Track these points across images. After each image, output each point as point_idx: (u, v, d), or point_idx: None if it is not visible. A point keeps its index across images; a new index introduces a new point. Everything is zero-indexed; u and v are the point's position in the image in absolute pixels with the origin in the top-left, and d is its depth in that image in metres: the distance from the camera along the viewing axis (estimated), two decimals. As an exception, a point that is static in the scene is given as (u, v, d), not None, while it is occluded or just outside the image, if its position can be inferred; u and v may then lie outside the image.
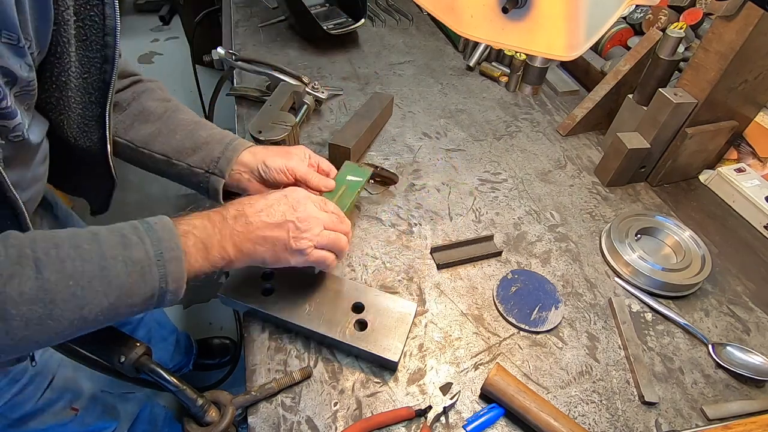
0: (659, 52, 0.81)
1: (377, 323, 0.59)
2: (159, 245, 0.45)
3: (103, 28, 0.51)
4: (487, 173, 0.89)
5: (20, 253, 0.39)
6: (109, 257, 0.42)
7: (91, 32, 0.51)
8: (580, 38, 0.37)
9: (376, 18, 1.40)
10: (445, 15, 0.42)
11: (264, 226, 0.52)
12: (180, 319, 1.62)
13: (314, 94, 0.96)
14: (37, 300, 0.38)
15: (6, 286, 0.37)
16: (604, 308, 0.68)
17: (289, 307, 0.59)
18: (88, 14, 0.50)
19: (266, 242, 0.52)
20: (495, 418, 0.55)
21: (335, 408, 0.55)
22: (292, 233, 0.53)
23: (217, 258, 0.50)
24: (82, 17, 0.49)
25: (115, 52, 0.52)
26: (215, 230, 0.50)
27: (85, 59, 0.52)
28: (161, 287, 0.45)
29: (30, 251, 0.39)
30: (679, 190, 0.90)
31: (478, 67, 1.18)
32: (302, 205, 0.55)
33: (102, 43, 0.52)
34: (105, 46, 0.52)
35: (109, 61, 0.53)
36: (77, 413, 0.82)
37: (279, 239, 0.53)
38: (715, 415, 0.57)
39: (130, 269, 0.43)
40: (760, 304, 0.71)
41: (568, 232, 0.79)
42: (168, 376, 0.54)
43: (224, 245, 0.50)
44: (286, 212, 0.54)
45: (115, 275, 0.42)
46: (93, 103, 0.55)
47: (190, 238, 0.48)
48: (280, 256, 0.54)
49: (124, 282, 0.42)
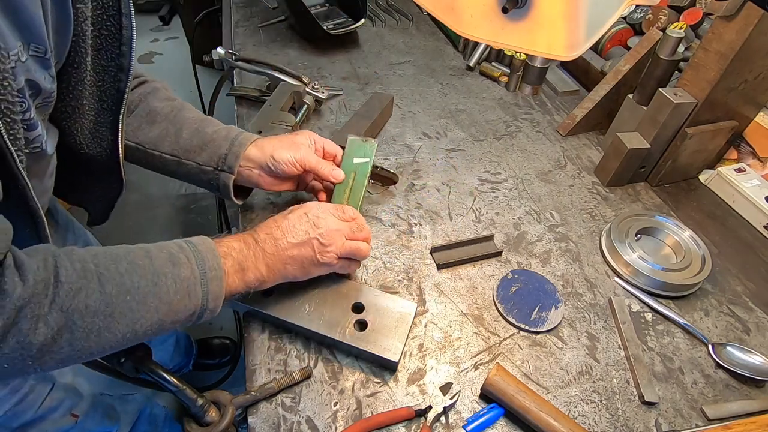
0: (659, 52, 0.81)
1: (377, 323, 0.59)
2: (203, 265, 0.48)
3: (119, 38, 0.51)
4: (487, 173, 0.89)
5: (85, 267, 0.41)
6: (161, 274, 0.45)
7: (107, 42, 0.51)
8: (580, 38, 0.37)
9: (376, 18, 1.40)
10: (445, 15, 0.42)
11: (291, 247, 0.55)
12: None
13: (314, 94, 0.96)
14: (99, 313, 0.41)
15: (75, 299, 0.39)
16: (604, 308, 0.68)
17: (289, 308, 0.59)
18: (104, 24, 0.50)
19: (294, 261, 0.56)
20: (495, 418, 0.55)
21: (335, 408, 0.55)
22: (317, 249, 0.56)
23: (251, 279, 0.53)
24: (99, 27, 0.50)
25: (130, 61, 0.53)
26: (250, 252, 0.54)
27: (99, 68, 0.52)
28: (202, 305, 0.48)
29: (93, 266, 0.42)
30: (679, 190, 0.90)
31: (478, 67, 1.18)
32: (323, 221, 0.58)
33: (117, 52, 0.52)
34: (120, 56, 0.52)
35: (124, 70, 0.53)
36: (77, 419, 0.82)
37: (306, 257, 0.56)
38: (715, 415, 0.57)
39: (178, 286, 0.46)
40: (760, 304, 0.71)
41: (568, 232, 0.79)
42: (168, 376, 0.54)
43: (258, 267, 0.53)
44: (309, 230, 0.57)
45: (165, 292, 0.45)
46: (106, 111, 0.56)
47: (229, 260, 0.51)
48: (308, 271, 0.57)
49: (172, 299, 0.45)
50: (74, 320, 0.39)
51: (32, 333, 0.37)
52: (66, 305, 0.39)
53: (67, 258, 0.41)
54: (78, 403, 0.83)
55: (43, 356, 0.39)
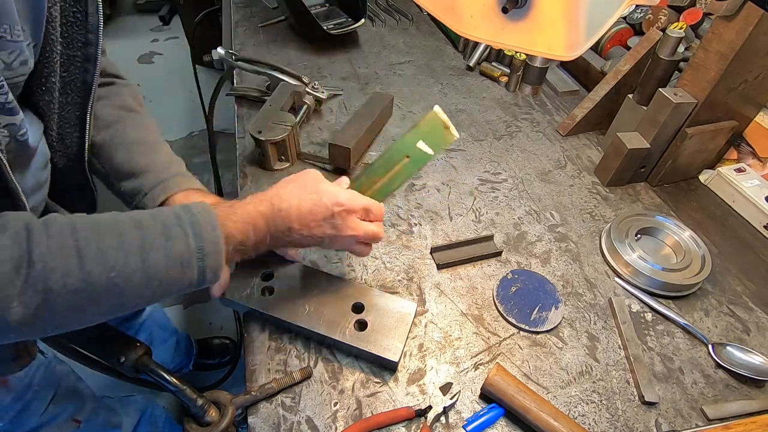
0: (659, 52, 0.81)
1: (377, 323, 0.59)
2: (200, 239, 0.45)
3: (85, 25, 0.49)
4: (487, 173, 0.89)
5: (62, 244, 0.39)
6: (151, 249, 0.42)
7: (73, 29, 0.49)
8: (580, 38, 0.37)
9: (376, 18, 1.40)
10: (445, 15, 0.42)
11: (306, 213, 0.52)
12: (180, 319, 1.62)
13: (314, 94, 0.96)
14: (79, 291, 0.39)
15: (49, 280, 0.37)
16: (604, 308, 0.68)
17: (289, 308, 0.59)
18: (71, 11, 0.48)
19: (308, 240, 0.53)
20: (495, 418, 0.55)
21: (335, 408, 0.55)
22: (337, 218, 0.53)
23: (249, 245, 0.51)
24: (66, 14, 0.48)
25: (97, 50, 0.51)
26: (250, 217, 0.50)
27: (65, 57, 0.50)
28: (200, 279, 0.46)
29: (73, 241, 0.39)
30: (679, 190, 0.90)
31: (478, 67, 1.18)
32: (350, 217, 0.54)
33: (84, 40, 0.50)
34: (87, 44, 0.50)
35: (91, 60, 0.51)
36: (80, 425, 0.82)
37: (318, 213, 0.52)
38: (715, 415, 0.57)
39: (170, 262, 0.43)
40: (760, 304, 0.71)
41: (568, 232, 0.79)
42: (168, 376, 0.54)
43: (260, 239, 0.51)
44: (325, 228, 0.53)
45: (154, 268, 0.42)
46: (71, 105, 0.53)
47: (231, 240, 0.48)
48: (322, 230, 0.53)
49: (163, 274, 0.43)
50: (50, 299, 0.37)
51: (6, 312, 0.36)
52: (40, 286, 0.37)
53: (44, 232, 0.38)
54: (80, 409, 0.82)
55: (22, 331, 0.38)
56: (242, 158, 0.86)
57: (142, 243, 0.42)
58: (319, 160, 0.86)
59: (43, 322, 0.39)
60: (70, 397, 0.80)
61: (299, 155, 0.87)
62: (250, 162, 0.86)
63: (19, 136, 0.45)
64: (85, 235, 0.40)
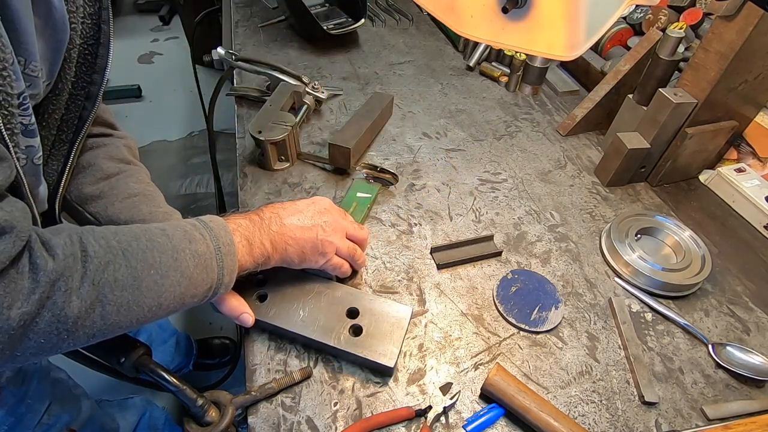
0: (659, 52, 0.81)
1: (372, 328, 0.58)
2: (217, 241, 0.49)
3: (93, 66, 0.51)
4: (487, 173, 0.89)
5: (108, 243, 0.42)
6: (180, 250, 0.46)
7: (81, 70, 0.51)
8: (580, 38, 0.37)
9: (376, 18, 1.40)
10: (445, 15, 0.42)
11: (295, 228, 0.56)
12: (180, 318, 1.62)
13: (314, 94, 0.96)
14: (127, 286, 0.41)
15: (104, 273, 0.40)
16: (604, 308, 0.68)
17: (283, 314, 0.59)
18: (84, 54, 0.50)
19: (297, 243, 0.56)
20: (495, 418, 0.55)
21: (335, 408, 0.55)
22: (319, 236, 0.57)
23: (258, 254, 0.53)
24: (80, 57, 0.50)
25: (99, 89, 0.53)
26: (256, 229, 0.54)
27: (72, 97, 0.52)
28: (219, 280, 0.49)
29: (116, 242, 0.43)
30: (679, 190, 0.90)
31: (478, 67, 1.18)
32: (329, 213, 0.60)
33: (88, 80, 0.52)
34: (91, 84, 0.52)
35: (91, 99, 0.53)
36: None
37: (308, 241, 0.57)
38: (715, 415, 0.57)
39: (196, 261, 0.47)
40: (760, 304, 0.71)
41: (568, 232, 0.79)
42: (168, 376, 0.54)
43: (264, 243, 0.54)
44: (315, 217, 0.58)
45: (185, 266, 0.46)
46: (63, 141, 0.54)
47: (237, 235, 0.52)
48: (305, 257, 0.57)
49: (192, 273, 0.46)
50: (105, 293, 0.40)
51: (67, 306, 0.38)
52: (97, 279, 0.40)
53: (91, 234, 0.42)
54: (75, 418, 0.82)
55: (77, 330, 0.39)
56: (242, 158, 0.86)
57: (172, 245, 0.46)
58: (319, 160, 0.86)
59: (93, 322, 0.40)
60: (65, 406, 0.79)
61: (299, 155, 0.87)
62: (250, 162, 0.86)
63: (36, 159, 0.47)
64: (126, 238, 0.44)
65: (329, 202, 0.62)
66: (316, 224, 0.58)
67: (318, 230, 0.58)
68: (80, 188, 0.61)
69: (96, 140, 0.64)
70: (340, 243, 0.60)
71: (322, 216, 0.59)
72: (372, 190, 0.79)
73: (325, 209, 0.60)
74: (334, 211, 0.62)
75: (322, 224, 0.58)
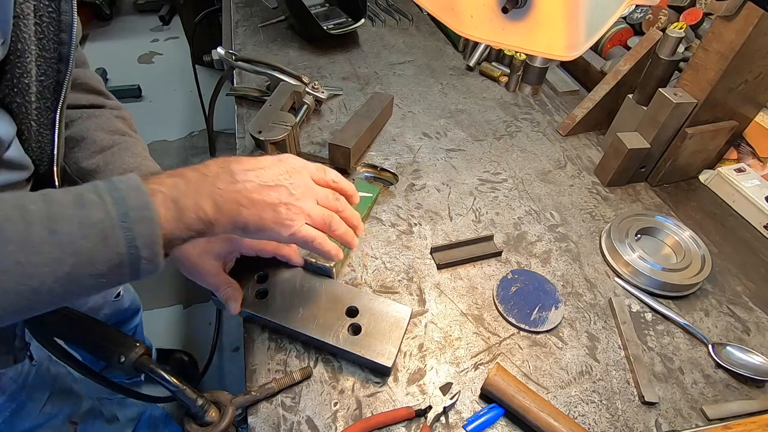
0: (659, 52, 0.81)
1: (371, 327, 0.58)
2: (123, 205, 0.38)
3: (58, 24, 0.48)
4: (487, 173, 0.89)
5: None
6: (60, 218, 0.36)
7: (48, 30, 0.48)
8: (580, 38, 0.37)
9: (376, 18, 1.40)
10: (445, 15, 0.42)
11: (253, 188, 0.45)
12: (180, 319, 1.62)
13: (314, 94, 0.96)
14: None
15: None
16: (604, 308, 0.68)
17: (283, 311, 0.59)
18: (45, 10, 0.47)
19: (253, 205, 0.45)
20: (495, 418, 0.55)
21: (335, 408, 0.55)
22: (284, 200, 0.47)
23: (192, 218, 0.42)
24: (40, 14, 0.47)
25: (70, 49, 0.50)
26: (190, 188, 0.43)
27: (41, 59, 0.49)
28: (131, 252, 0.38)
29: None
30: (679, 190, 0.90)
31: (478, 67, 1.18)
32: (298, 174, 0.49)
33: (57, 40, 0.49)
34: (60, 44, 0.49)
35: (64, 60, 0.50)
36: (76, 427, 0.81)
37: (268, 204, 0.46)
38: (715, 415, 0.57)
39: (86, 231, 0.37)
40: (760, 304, 0.71)
41: (568, 232, 0.79)
42: (168, 376, 0.54)
43: (201, 204, 0.43)
44: (281, 176, 0.47)
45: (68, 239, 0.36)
46: (47, 109, 0.51)
47: (159, 196, 0.41)
48: (266, 225, 0.46)
49: (80, 246, 0.37)
50: None
51: None
52: None
53: None
54: (77, 411, 0.82)
55: None
56: (242, 158, 0.86)
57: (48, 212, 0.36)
58: (319, 160, 0.86)
59: None
60: (66, 398, 0.79)
61: (299, 155, 0.87)
62: (250, 162, 0.86)
63: None
64: None
65: (302, 162, 0.50)
66: (281, 184, 0.46)
67: (283, 191, 0.46)
68: (78, 162, 0.58)
69: (87, 111, 0.61)
70: (313, 209, 0.49)
71: (290, 177, 0.48)
72: (373, 190, 0.79)
73: (294, 169, 0.49)
74: (305, 172, 0.50)
75: (289, 186, 0.47)
